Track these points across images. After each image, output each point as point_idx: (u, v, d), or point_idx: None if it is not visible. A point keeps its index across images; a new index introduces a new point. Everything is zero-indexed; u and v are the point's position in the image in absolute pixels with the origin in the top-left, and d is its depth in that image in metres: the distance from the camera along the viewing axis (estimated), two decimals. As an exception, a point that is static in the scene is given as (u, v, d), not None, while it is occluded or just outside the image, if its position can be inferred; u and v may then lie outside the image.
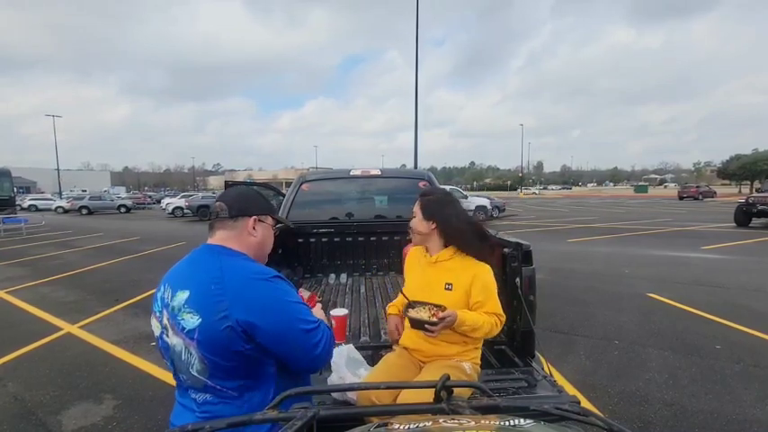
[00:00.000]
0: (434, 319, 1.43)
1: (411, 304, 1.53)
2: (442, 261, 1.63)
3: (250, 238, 1.15)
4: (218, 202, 1.15)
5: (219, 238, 1.12)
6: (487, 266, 1.61)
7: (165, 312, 1.03)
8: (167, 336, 1.03)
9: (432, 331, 1.44)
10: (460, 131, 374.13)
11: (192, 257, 1.11)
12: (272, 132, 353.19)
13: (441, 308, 1.46)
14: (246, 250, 1.13)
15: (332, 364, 1.69)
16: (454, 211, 1.64)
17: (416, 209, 1.66)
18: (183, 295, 1.01)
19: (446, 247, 1.65)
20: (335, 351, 1.76)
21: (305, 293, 1.83)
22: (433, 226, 1.62)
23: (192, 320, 0.97)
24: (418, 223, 1.65)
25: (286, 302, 1.04)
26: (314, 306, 1.29)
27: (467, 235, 1.62)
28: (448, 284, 1.58)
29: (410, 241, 1.81)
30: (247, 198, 1.19)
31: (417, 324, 1.46)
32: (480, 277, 1.56)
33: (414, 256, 1.78)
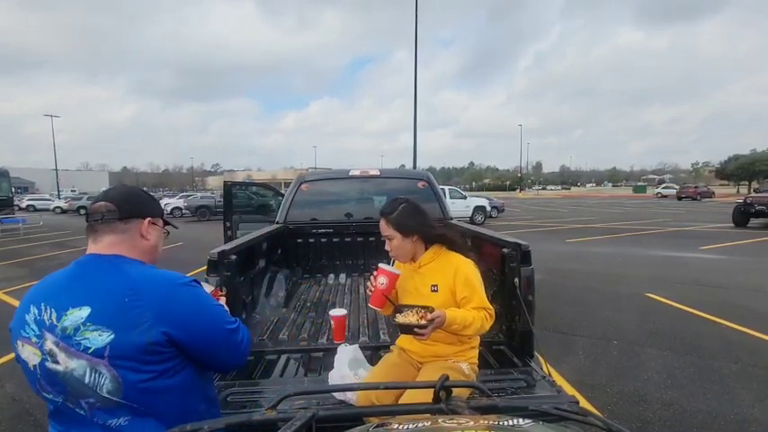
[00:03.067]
0: (423, 322, 1.39)
1: (398, 308, 1.49)
2: (426, 264, 1.62)
3: (143, 242, 1.04)
4: (102, 202, 1.00)
5: (108, 243, 0.99)
6: (469, 261, 1.61)
7: (47, 336, 0.90)
8: (54, 362, 0.90)
9: (422, 335, 1.40)
10: (464, 131, 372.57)
11: (76, 271, 0.97)
12: (275, 132, 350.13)
13: (428, 309, 1.43)
14: (140, 256, 1.03)
15: (335, 361, 1.70)
16: (425, 214, 1.63)
17: (391, 231, 1.59)
18: (79, 312, 0.89)
19: (426, 249, 1.64)
20: (340, 349, 1.76)
21: (208, 288, 1.75)
22: (416, 237, 1.60)
23: (100, 338, 0.88)
24: (401, 244, 1.60)
25: (210, 307, 1.03)
26: (218, 299, 1.26)
27: (447, 230, 1.64)
28: (433, 286, 1.57)
29: None
30: (139, 196, 1.07)
31: (407, 329, 1.42)
32: (461, 271, 1.56)
33: (399, 267, 1.74)
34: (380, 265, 1.60)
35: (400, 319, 1.44)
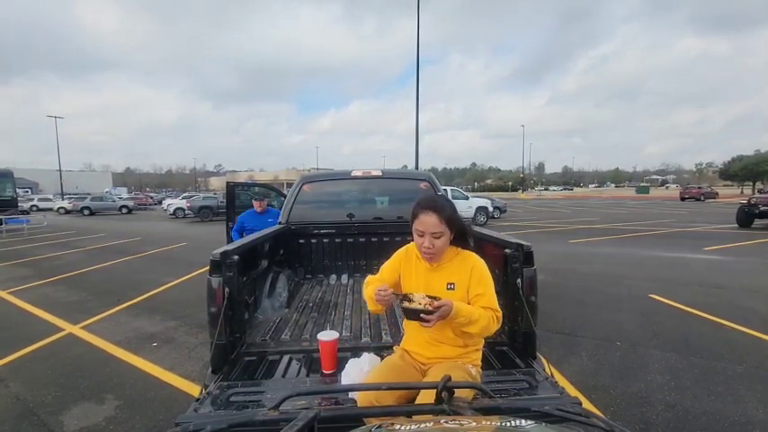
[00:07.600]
0: (430, 308, 1.38)
1: (405, 296, 1.46)
2: (445, 263, 1.59)
3: None
4: None
5: None
6: (484, 262, 1.61)
7: None
8: None
9: (427, 321, 1.38)
10: (491, 133, 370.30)
11: None
12: (307, 133, 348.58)
13: (435, 298, 1.42)
14: None
15: (342, 376, 1.69)
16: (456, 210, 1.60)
17: (443, 227, 1.48)
18: None
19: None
20: (351, 362, 1.74)
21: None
22: (453, 235, 1.55)
23: None
24: (446, 242, 1.52)
25: None
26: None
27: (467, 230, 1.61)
28: (450, 284, 1.56)
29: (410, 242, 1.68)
30: None
31: (413, 315, 1.40)
32: (478, 268, 1.56)
33: (407, 257, 1.67)
34: (319, 337, 1.88)
35: (407, 304, 1.41)
